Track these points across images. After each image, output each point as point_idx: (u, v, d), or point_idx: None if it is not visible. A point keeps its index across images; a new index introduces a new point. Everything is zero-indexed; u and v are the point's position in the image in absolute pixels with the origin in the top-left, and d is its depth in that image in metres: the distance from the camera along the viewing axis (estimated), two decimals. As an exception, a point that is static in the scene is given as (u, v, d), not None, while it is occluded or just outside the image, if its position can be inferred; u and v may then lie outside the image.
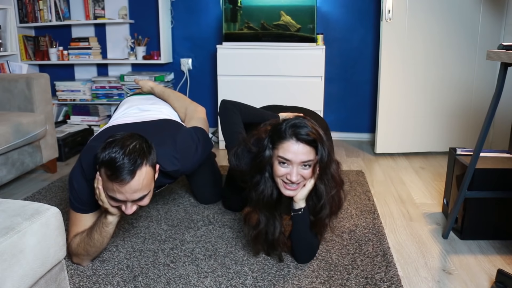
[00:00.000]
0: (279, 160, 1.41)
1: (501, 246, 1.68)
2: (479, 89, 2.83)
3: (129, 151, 1.30)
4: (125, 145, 1.31)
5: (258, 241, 1.55)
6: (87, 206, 1.52)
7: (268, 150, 1.43)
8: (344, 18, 3.22)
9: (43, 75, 2.45)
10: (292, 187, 1.43)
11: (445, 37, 2.76)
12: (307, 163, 1.40)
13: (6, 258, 0.89)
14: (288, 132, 1.39)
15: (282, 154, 1.39)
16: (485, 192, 1.68)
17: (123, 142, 1.32)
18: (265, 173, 1.46)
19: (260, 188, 1.47)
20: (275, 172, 1.43)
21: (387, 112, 2.87)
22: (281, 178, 1.43)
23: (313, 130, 1.39)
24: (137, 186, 1.32)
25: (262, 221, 1.51)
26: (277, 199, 1.51)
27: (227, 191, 2.03)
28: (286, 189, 1.44)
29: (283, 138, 1.39)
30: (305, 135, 1.37)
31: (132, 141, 1.34)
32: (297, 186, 1.44)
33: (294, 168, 1.39)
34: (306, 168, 1.41)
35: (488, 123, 1.58)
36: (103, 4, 3.35)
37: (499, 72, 1.54)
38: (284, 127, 1.40)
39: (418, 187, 2.36)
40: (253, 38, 2.94)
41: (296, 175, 1.39)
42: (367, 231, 1.79)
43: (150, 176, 1.38)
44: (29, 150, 2.32)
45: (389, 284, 1.40)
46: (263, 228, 1.52)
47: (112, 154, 1.29)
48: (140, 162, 1.32)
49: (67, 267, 1.50)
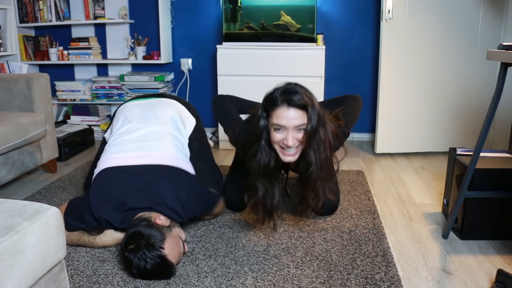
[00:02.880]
0: (274, 127, 1.48)
1: (501, 246, 1.68)
2: (479, 89, 2.83)
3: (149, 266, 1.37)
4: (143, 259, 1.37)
5: (257, 209, 1.63)
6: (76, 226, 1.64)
7: (262, 119, 1.50)
8: (344, 18, 3.22)
9: (43, 75, 2.45)
10: (290, 152, 1.50)
11: (445, 37, 2.76)
12: (301, 126, 1.47)
13: (6, 258, 0.89)
14: (279, 99, 1.45)
15: (276, 121, 1.46)
16: (485, 192, 1.68)
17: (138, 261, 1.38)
18: (261, 142, 1.53)
19: (257, 157, 1.54)
20: (272, 139, 1.50)
21: (387, 112, 2.87)
22: (278, 144, 1.51)
23: (304, 95, 1.45)
24: (173, 257, 1.44)
25: (261, 189, 1.58)
26: (275, 167, 1.57)
27: (229, 190, 2.03)
28: (284, 155, 1.52)
29: (276, 105, 1.46)
30: (297, 100, 1.44)
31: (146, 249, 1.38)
32: (295, 151, 1.50)
33: (289, 132, 1.46)
34: (301, 132, 1.48)
35: (488, 123, 1.58)
36: (103, 4, 3.35)
37: (499, 72, 1.54)
38: (275, 95, 1.47)
39: (418, 187, 2.36)
40: (253, 38, 2.94)
41: (292, 140, 1.46)
42: (367, 231, 1.79)
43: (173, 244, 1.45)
44: (29, 150, 2.32)
45: (389, 284, 1.40)
46: (262, 196, 1.59)
47: (136, 271, 1.39)
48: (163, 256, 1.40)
49: (67, 267, 1.50)
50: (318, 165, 1.52)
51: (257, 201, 1.61)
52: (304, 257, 1.58)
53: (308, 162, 1.52)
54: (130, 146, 1.80)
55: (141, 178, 1.64)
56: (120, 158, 1.74)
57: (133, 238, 1.41)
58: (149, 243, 1.38)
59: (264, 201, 1.61)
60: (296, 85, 1.50)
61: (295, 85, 1.50)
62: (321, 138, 1.50)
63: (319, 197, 1.62)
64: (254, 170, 1.57)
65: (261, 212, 1.65)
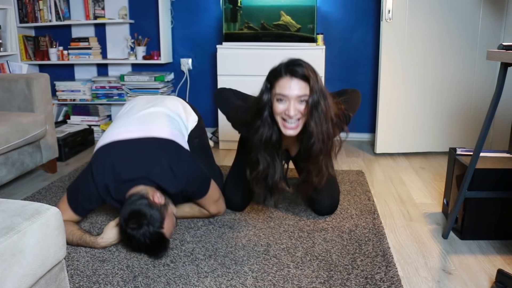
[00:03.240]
0: (277, 98, 1.52)
1: (501, 246, 1.68)
2: (479, 89, 2.83)
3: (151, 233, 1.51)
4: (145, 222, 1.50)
5: (257, 183, 1.67)
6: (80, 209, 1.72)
7: (266, 92, 1.56)
8: (344, 18, 3.22)
9: (43, 75, 2.45)
10: (291, 125, 1.53)
11: (445, 37, 2.76)
12: (303, 98, 1.50)
13: (6, 258, 0.89)
14: (283, 70, 1.51)
15: (279, 91, 1.50)
16: (485, 192, 1.68)
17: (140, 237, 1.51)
18: (263, 114, 1.57)
19: (260, 130, 1.59)
20: (275, 110, 1.54)
21: (387, 112, 2.87)
22: (280, 116, 1.54)
23: (307, 68, 1.50)
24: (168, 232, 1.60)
25: (262, 162, 1.62)
26: (277, 142, 1.62)
27: (229, 189, 2.02)
28: (286, 129, 1.54)
29: (279, 75, 1.51)
30: (300, 71, 1.48)
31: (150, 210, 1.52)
32: (296, 124, 1.53)
33: (291, 103, 1.49)
34: (302, 104, 1.51)
35: (488, 123, 1.58)
36: (103, 4, 3.35)
37: (499, 72, 1.54)
38: (279, 67, 1.54)
39: (418, 187, 2.36)
40: (253, 38, 2.94)
41: (294, 110, 1.49)
42: (367, 231, 1.79)
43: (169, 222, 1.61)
44: (29, 150, 2.32)
45: (389, 284, 1.40)
46: (263, 170, 1.62)
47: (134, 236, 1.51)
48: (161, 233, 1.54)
49: (67, 267, 1.50)
50: (320, 138, 1.54)
51: (258, 175, 1.64)
52: (304, 257, 1.58)
53: (310, 133, 1.54)
54: (129, 121, 1.86)
55: (136, 150, 1.70)
56: (118, 133, 1.79)
57: (135, 217, 1.51)
58: (151, 223, 1.51)
59: (266, 176, 1.63)
60: (300, 59, 1.55)
61: (299, 59, 1.55)
62: (323, 111, 1.52)
63: (322, 173, 1.63)
64: (256, 144, 1.61)
65: (263, 187, 1.68)
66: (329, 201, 1.92)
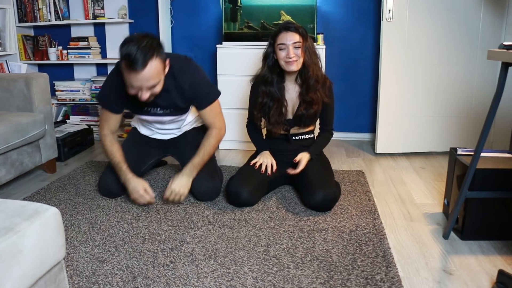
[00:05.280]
0: (279, 48, 2.03)
1: (502, 246, 1.68)
2: (480, 89, 2.82)
3: (142, 46, 1.67)
4: (139, 42, 1.68)
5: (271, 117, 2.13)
6: (113, 103, 2.00)
7: (270, 47, 2.09)
8: (344, 17, 3.21)
9: (42, 75, 2.45)
10: (291, 62, 2.01)
11: (445, 37, 2.76)
12: (296, 44, 2.01)
13: (5, 258, 0.88)
14: (281, 28, 2.06)
15: (279, 41, 2.03)
16: (486, 192, 1.68)
17: (137, 39, 1.69)
18: (267, 61, 2.11)
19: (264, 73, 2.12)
20: (279, 57, 2.04)
21: (388, 112, 2.86)
22: (283, 60, 2.03)
23: (297, 25, 2.04)
24: (149, 74, 1.71)
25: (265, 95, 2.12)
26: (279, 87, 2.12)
27: (233, 183, 2.03)
28: (288, 65, 2.03)
29: (279, 32, 2.05)
30: (292, 26, 2.03)
31: (146, 39, 1.71)
32: (295, 61, 2.02)
33: (289, 48, 2.00)
34: (297, 49, 2.01)
35: (489, 123, 1.58)
36: (103, 4, 3.35)
37: (500, 72, 1.53)
38: (279, 26, 2.08)
39: (419, 187, 2.35)
40: (253, 37, 2.93)
41: (292, 52, 2.00)
42: (368, 232, 1.79)
43: (160, 67, 1.76)
44: (28, 150, 2.31)
45: (389, 284, 1.40)
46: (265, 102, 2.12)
47: (129, 49, 1.67)
48: (151, 55, 1.69)
49: (66, 268, 1.49)
50: (314, 70, 2.07)
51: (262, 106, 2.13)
52: (304, 257, 1.58)
53: (307, 68, 2.06)
54: None
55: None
56: None
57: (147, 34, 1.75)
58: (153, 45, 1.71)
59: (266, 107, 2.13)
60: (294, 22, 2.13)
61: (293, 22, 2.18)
62: (313, 55, 2.07)
63: (317, 103, 2.11)
64: (260, 82, 2.13)
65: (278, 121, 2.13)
66: (323, 193, 1.92)
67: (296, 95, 2.15)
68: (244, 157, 2.88)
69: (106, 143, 2.03)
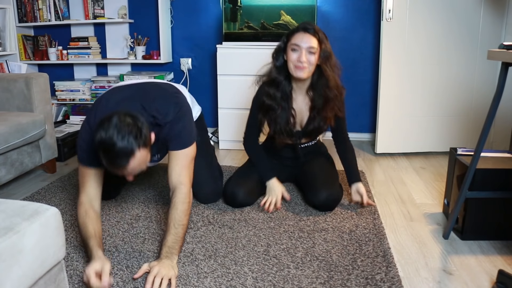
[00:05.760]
0: (292, 48, 1.84)
1: (502, 246, 1.68)
2: (480, 89, 2.82)
3: (123, 137, 1.36)
4: (120, 130, 1.36)
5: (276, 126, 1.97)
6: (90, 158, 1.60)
7: (282, 43, 1.90)
8: (344, 18, 3.21)
9: (42, 75, 2.45)
10: (301, 66, 1.82)
11: (445, 37, 2.76)
12: (312, 49, 1.82)
13: (5, 258, 0.88)
14: (299, 27, 1.86)
15: (294, 41, 1.83)
16: (486, 192, 1.68)
17: (118, 127, 1.37)
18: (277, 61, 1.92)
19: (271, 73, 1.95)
20: (289, 58, 1.85)
21: (388, 112, 2.86)
22: (293, 63, 1.84)
23: (317, 29, 1.85)
24: (134, 167, 1.44)
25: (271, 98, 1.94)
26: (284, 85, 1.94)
27: (230, 183, 2.03)
28: (296, 70, 1.84)
29: (295, 31, 1.86)
30: (311, 28, 1.84)
31: (126, 125, 1.38)
32: (306, 68, 1.82)
33: (303, 52, 1.81)
34: (311, 55, 1.82)
35: (489, 123, 1.58)
36: (103, 4, 3.35)
37: (500, 72, 1.54)
38: (297, 25, 1.89)
39: (419, 187, 2.35)
40: (253, 37, 2.94)
41: (305, 57, 1.81)
42: (368, 231, 1.79)
43: (146, 155, 1.47)
44: (28, 150, 2.31)
45: (389, 284, 1.40)
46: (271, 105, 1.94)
47: (108, 141, 1.36)
48: (135, 147, 1.39)
49: (66, 268, 1.49)
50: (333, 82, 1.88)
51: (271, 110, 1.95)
52: (304, 257, 1.58)
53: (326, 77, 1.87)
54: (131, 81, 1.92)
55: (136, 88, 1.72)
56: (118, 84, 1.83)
57: (127, 113, 1.43)
58: (138, 132, 1.40)
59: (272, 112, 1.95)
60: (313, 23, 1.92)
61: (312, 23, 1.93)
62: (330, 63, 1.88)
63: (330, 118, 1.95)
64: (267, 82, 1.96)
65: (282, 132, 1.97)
66: (327, 192, 1.92)
67: (306, 107, 1.99)
68: (244, 157, 2.87)
69: (80, 212, 1.57)
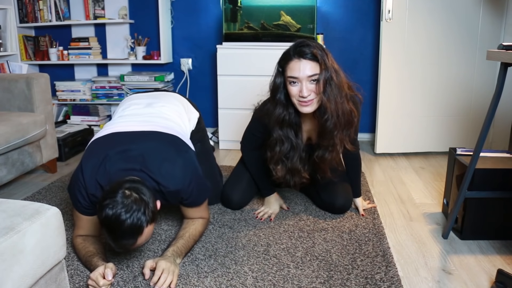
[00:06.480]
0: (289, 81, 1.56)
1: (501, 246, 1.68)
2: (479, 89, 2.83)
3: (131, 216, 1.28)
4: (127, 209, 1.28)
5: (276, 164, 1.73)
6: (86, 208, 1.52)
7: (278, 75, 1.61)
8: (344, 18, 3.22)
9: (43, 75, 2.45)
10: (306, 103, 1.56)
11: (445, 37, 2.76)
12: (313, 77, 1.54)
13: (6, 258, 0.89)
14: (292, 52, 1.55)
15: (290, 74, 1.55)
16: (485, 192, 1.68)
17: (123, 204, 1.28)
18: (277, 96, 1.63)
19: (276, 112, 1.65)
20: (290, 93, 1.58)
21: (387, 112, 2.87)
22: (295, 98, 1.58)
23: (315, 48, 1.54)
24: (140, 243, 1.37)
25: (279, 142, 1.69)
26: (295, 123, 1.68)
27: (228, 186, 2.03)
28: (302, 106, 1.59)
29: (289, 58, 1.55)
30: (308, 51, 1.53)
31: (133, 202, 1.30)
32: (311, 101, 1.57)
33: (303, 84, 1.53)
34: (314, 83, 1.55)
35: (488, 123, 1.58)
36: (103, 4, 3.35)
37: (499, 72, 1.54)
38: (288, 50, 1.58)
39: (418, 187, 2.36)
40: (253, 38, 2.94)
41: (307, 90, 1.53)
42: (367, 231, 1.79)
43: (152, 230, 1.40)
44: (29, 150, 2.31)
45: (389, 284, 1.40)
46: (280, 150, 1.69)
47: (115, 221, 1.27)
48: (144, 225, 1.31)
49: (67, 267, 1.50)
50: (334, 113, 1.59)
51: (276, 155, 1.71)
52: (304, 257, 1.58)
53: (324, 108, 1.59)
54: (130, 118, 1.70)
55: (136, 142, 1.52)
56: (116, 127, 1.63)
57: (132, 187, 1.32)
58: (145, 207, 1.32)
59: (283, 157, 1.71)
60: (309, 39, 1.61)
61: (307, 39, 1.60)
62: (336, 86, 1.57)
63: (337, 149, 1.69)
64: (273, 124, 1.68)
65: (283, 170, 1.75)
66: (343, 200, 1.91)
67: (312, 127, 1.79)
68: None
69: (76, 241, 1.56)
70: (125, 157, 1.47)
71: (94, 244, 1.53)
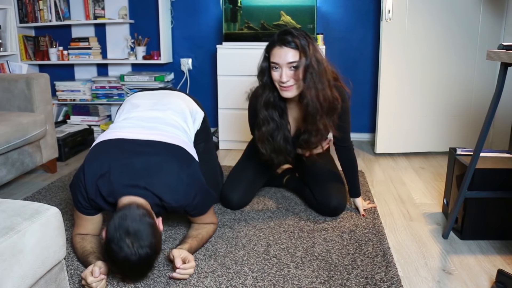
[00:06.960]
0: (272, 66, 1.67)
1: (501, 246, 1.68)
2: (479, 89, 2.83)
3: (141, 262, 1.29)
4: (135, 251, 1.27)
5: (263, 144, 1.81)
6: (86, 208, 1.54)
7: (264, 61, 1.72)
8: (344, 18, 3.22)
9: (43, 75, 2.45)
10: (286, 88, 1.66)
11: (445, 37, 2.76)
12: (292, 64, 1.62)
13: (6, 258, 0.89)
14: (276, 39, 1.65)
15: (272, 59, 1.65)
16: (485, 192, 1.68)
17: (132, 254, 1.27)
18: (264, 79, 1.74)
19: (263, 94, 1.75)
20: (273, 78, 1.68)
21: (387, 112, 2.87)
22: (277, 83, 1.68)
23: (298, 37, 1.62)
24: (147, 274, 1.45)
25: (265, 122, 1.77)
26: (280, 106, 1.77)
27: (227, 186, 2.03)
28: (282, 91, 1.69)
29: (273, 45, 1.65)
30: (289, 39, 1.61)
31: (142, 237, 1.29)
32: (291, 87, 1.66)
33: (283, 69, 1.63)
34: (293, 70, 1.63)
35: (488, 123, 1.58)
36: (103, 4, 3.35)
37: (499, 72, 1.54)
38: (274, 36, 1.67)
39: (418, 187, 2.36)
40: (253, 38, 2.94)
41: (286, 76, 1.63)
42: (367, 231, 1.79)
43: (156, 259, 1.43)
44: (29, 150, 2.31)
45: (389, 284, 1.40)
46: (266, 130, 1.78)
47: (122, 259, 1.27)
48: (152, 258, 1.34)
49: (67, 267, 1.50)
50: (314, 98, 1.65)
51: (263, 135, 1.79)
52: (304, 257, 1.58)
53: (304, 94, 1.66)
54: (136, 123, 1.70)
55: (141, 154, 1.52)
56: (122, 132, 1.62)
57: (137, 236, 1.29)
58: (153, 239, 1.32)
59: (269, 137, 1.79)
60: (293, 28, 1.68)
61: (292, 28, 1.68)
62: (317, 73, 1.63)
63: (321, 133, 1.77)
64: (260, 105, 1.77)
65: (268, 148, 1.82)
66: (337, 200, 1.90)
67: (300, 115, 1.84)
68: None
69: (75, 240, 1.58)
70: (130, 171, 1.47)
71: (92, 243, 1.55)
